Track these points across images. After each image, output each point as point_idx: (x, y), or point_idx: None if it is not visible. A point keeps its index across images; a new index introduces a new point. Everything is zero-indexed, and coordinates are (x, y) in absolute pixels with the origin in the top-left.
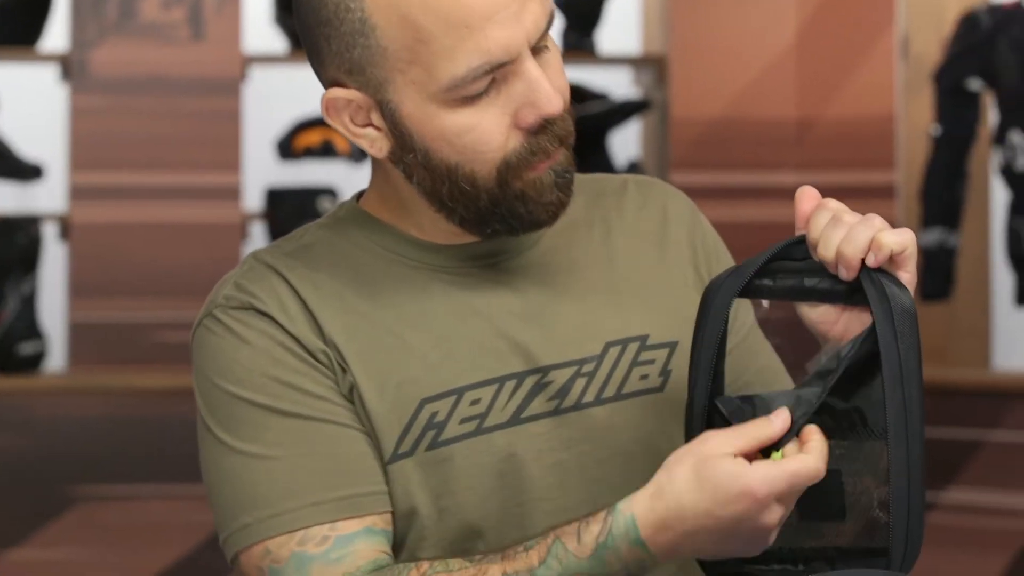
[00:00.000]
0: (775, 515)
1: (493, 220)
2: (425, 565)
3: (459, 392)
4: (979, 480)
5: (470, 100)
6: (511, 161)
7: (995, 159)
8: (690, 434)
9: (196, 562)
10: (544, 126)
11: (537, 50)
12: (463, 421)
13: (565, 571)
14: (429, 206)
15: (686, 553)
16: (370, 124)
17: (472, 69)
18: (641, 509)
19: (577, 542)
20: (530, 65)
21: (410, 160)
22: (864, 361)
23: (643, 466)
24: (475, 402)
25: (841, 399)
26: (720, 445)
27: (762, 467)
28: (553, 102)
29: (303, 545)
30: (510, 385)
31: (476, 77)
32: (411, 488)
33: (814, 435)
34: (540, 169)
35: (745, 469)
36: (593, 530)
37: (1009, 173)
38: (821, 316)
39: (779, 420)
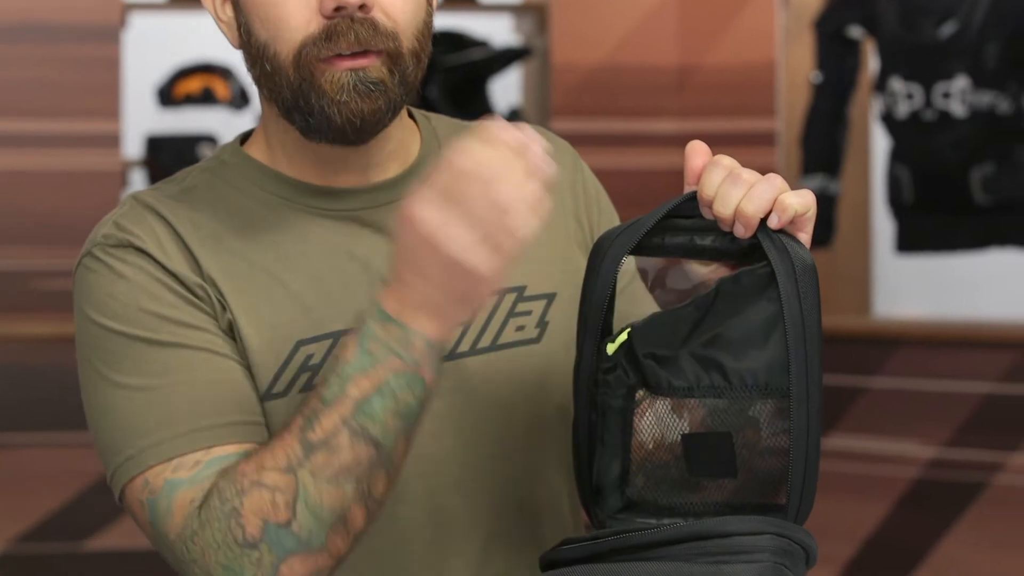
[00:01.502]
0: (428, 207)
1: (297, 113)
2: (251, 449)
3: (335, 336)
4: (861, 427)
5: None
6: (307, 45)
7: (875, 106)
8: (578, 395)
9: (80, 509)
10: (345, 22)
11: None
12: None
13: (343, 380)
14: (271, 109)
15: (431, 309)
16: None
17: None
18: (380, 295)
19: (343, 351)
20: None
21: (246, 46)
22: (761, 318)
23: (519, 417)
24: None
25: (734, 358)
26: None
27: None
28: None
29: (176, 472)
30: None
31: None
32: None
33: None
34: (337, 66)
35: (405, 204)
36: (355, 334)
37: (889, 120)
38: (712, 274)
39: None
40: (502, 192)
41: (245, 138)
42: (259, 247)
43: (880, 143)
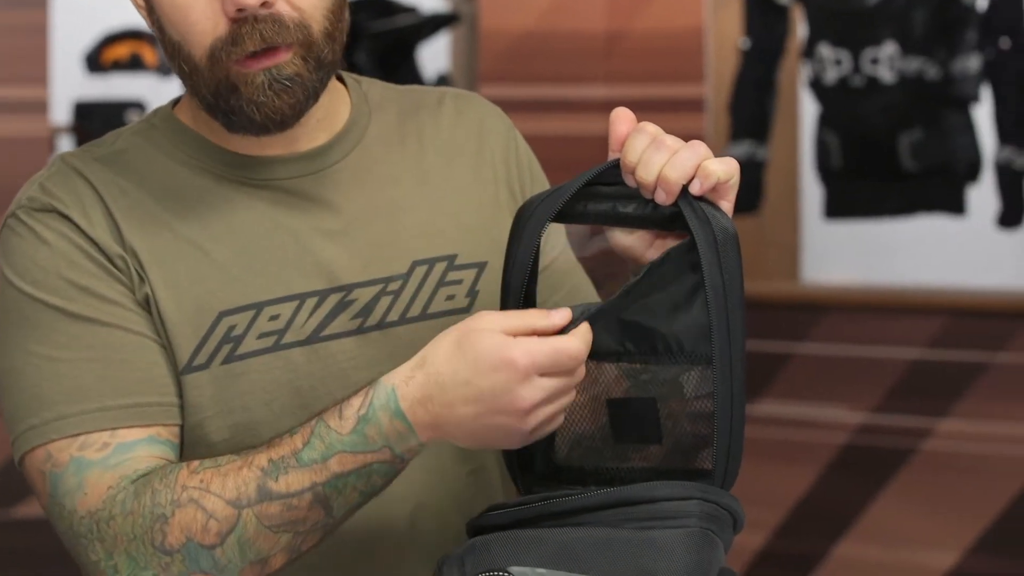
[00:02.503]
0: (536, 391)
1: (218, 113)
2: (195, 463)
3: (258, 307)
4: (789, 393)
5: None
6: (217, 48)
7: (804, 72)
8: None
9: (8, 476)
10: (249, 21)
11: None
12: (261, 336)
13: (328, 449)
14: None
15: (449, 431)
16: None
17: None
18: (401, 380)
19: (339, 419)
20: None
21: (161, 41)
22: (684, 286)
23: None
24: (274, 317)
25: (659, 325)
26: (489, 322)
27: (524, 340)
28: None
29: (83, 450)
30: (311, 302)
31: None
32: (203, 401)
33: (582, 324)
34: (250, 67)
35: (506, 340)
36: (354, 404)
37: (818, 86)
38: (634, 242)
39: (558, 315)
40: (572, 396)
41: (177, 102)
42: (185, 216)
43: (808, 109)
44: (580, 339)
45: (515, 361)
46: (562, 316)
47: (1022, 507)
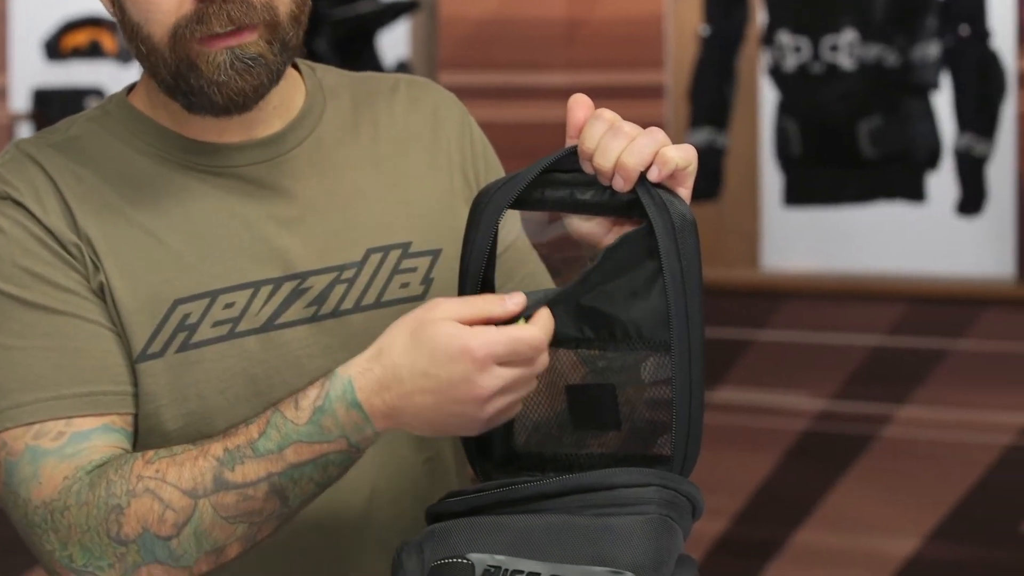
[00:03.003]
0: (495, 380)
1: (178, 93)
2: (151, 452)
3: (213, 295)
4: (749, 379)
5: None
6: (180, 26)
7: (763, 59)
8: None
9: None
10: (217, 1)
11: None
12: (215, 324)
13: (284, 440)
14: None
15: (406, 420)
16: None
17: None
18: (358, 370)
19: (295, 409)
20: None
21: (121, 23)
22: (643, 273)
23: None
24: (229, 306)
25: (618, 312)
26: (444, 311)
27: (481, 329)
28: None
29: (38, 439)
30: (266, 290)
31: None
32: (158, 389)
33: (543, 312)
34: (212, 45)
35: (463, 330)
36: (311, 395)
37: (777, 73)
38: (592, 229)
39: (512, 301)
40: (533, 385)
41: (132, 89)
42: (139, 203)
43: (768, 96)
44: (539, 328)
45: (473, 351)
46: (516, 302)
47: (981, 494)
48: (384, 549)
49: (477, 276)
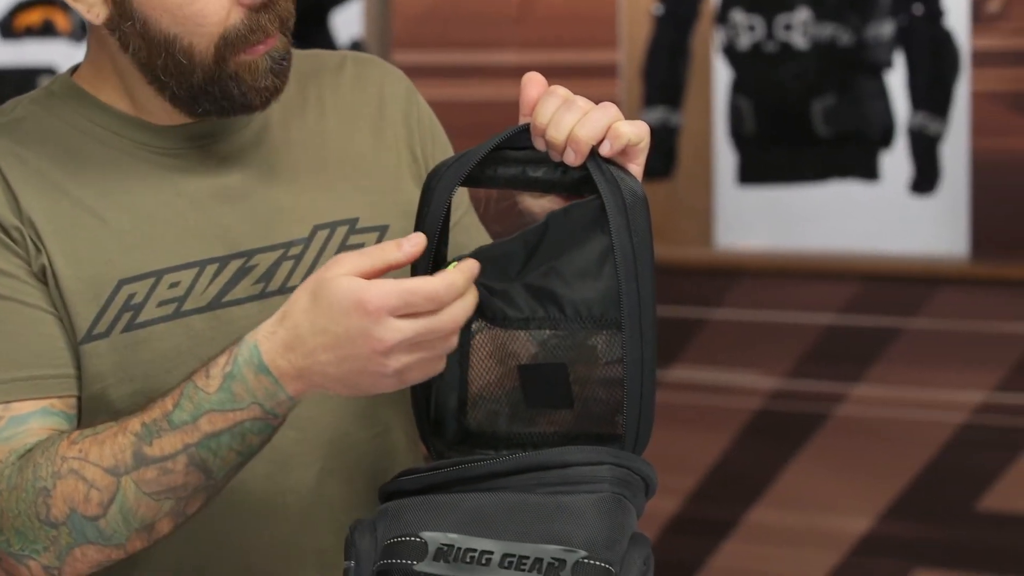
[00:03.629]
0: (392, 332)
1: (205, 99)
2: (76, 433)
3: (158, 275)
4: (703, 358)
5: None
6: (230, 37)
7: (717, 38)
8: None
9: None
10: (267, 4)
11: None
12: (161, 304)
13: (197, 409)
14: (143, 79)
15: (316, 381)
16: None
17: None
18: (264, 335)
19: (206, 377)
20: None
21: (127, 28)
22: (593, 251)
23: None
24: (174, 285)
25: (569, 290)
26: (343, 266)
27: (377, 282)
28: None
29: None
30: (212, 269)
31: None
32: (104, 370)
33: (461, 265)
34: (258, 52)
35: (358, 284)
36: (220, 362)
37: (731, 52)
38: (544, 207)
39: (409, 243)
40: (450, 342)
41: (77, 69)
42: (84, 183)
43: (722, 75)
44: (440, 280)
45: (365, 303)
46: (413, 243)
47: (935, 472)
48: (334, 526)
49: (430, 252)
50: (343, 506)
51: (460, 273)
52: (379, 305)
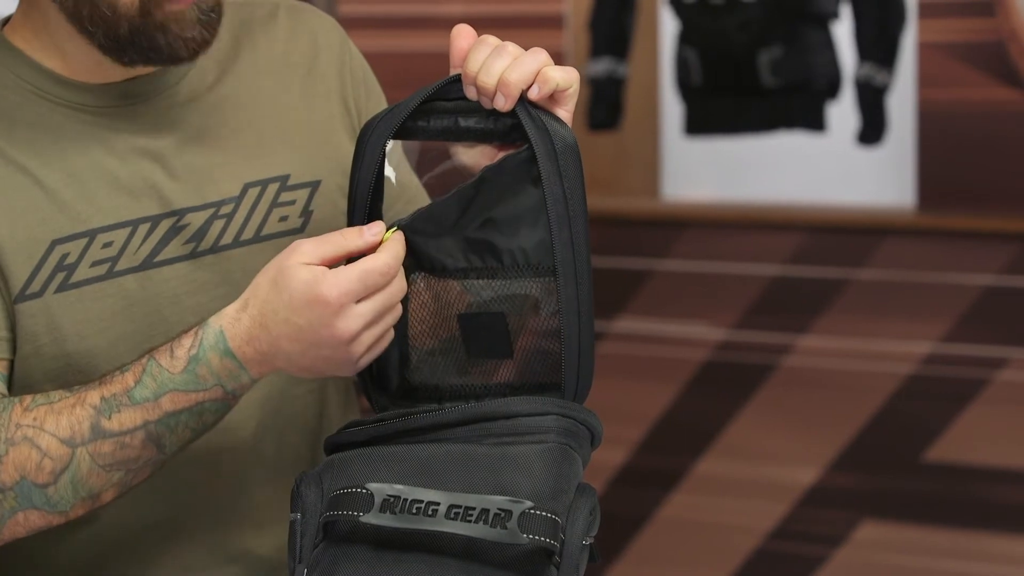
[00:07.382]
0: (354, 320)
1: (132, 50)
2: (28, 399)
3: (91, 234)
4: (650, 309)
5: None
6: None
7: None
8: None
9: None
10: None
11: None
12: (94, 264)
13: (160, 388)
14: (72, 29)
15: (280, 365)
16: None
17: None
18: (228, 321)
19: (170, 357)
20: None
21: None
22: (527, 200)
23: None
24: (107, 245)
25: (506, 239)
26: (302, 254)
27: (333, 272)
28: None
29: None
30: (144, 228)
31: None
32: (38, 330)
33: (395, 237)
34: (185, 2)
35: (316, 275)
36: (185, 344)
37: (677, 3)
38: (476, 158)
39: (370, 231)
40: (398, 311)
41: (7, 22)
42: (15, 142)
43: (668, 26)
44: (387, 253)
45: (325, 296)
46: (374, 232)
47: (882, 423)
48: (272, 480)
49: (364, 208)
50: (280, 461)
51: (399, 242)
52: (339, 295)
